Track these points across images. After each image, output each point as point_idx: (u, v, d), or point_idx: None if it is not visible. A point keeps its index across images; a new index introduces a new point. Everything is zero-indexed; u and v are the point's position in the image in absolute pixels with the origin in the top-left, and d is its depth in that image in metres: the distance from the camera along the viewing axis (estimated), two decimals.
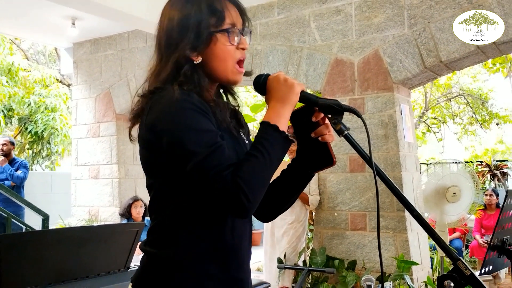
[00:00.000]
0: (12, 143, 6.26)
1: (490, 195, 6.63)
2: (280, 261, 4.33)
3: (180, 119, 1.11)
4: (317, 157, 1.27)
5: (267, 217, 1.39)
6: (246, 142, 1.31)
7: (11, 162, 6.06)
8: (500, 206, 2.87)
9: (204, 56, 1.22)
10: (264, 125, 1.15)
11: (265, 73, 1.24)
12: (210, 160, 1.08)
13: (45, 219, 4.50)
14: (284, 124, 1.17)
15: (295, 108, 1.22)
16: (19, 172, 6.02)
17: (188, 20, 1.20)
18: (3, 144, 6.01)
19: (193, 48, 1.20)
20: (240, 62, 1.25)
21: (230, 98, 1.36)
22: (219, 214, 1.20)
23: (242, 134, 1.32)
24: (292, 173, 1.33)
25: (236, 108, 1.36)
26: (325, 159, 1.26)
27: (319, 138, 1.23)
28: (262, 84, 1.22)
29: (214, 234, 1.20)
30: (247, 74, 1.31)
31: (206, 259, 1.20)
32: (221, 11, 1.21)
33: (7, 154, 6.02)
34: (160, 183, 1.22)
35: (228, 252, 1.22)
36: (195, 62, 1.21)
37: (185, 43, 1.20)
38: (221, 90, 1.35)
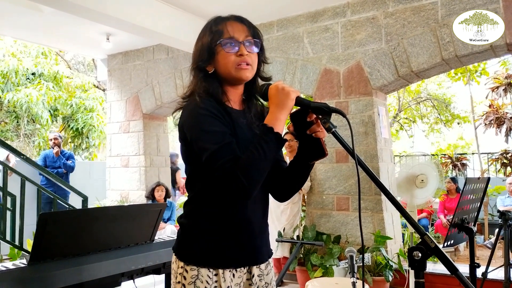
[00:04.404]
0: (61, 137, 6.39)
1: (449, 182, 6.64)
2: (279, 234, 4.34)
3: (196, 122, 1.21)
4: (313, 150, 1.29)
5: (283, 198, 1.42)
6: None
7: (61, 153, 6.18)
8: (460, 191, 2.86)
9: (215, 66, 1.29)
10: (263, 126, 1.19)
11: (267, 83, 1.26)
12: (216, 155, 1.16)
13: (85, 200, 4.51)
14: (279, 125, 1.20)
15: (293, 111, 1.24)
16: (69, 161, 6.15)
17: (199, 43, 1.32)
18: (55, 139, 6.15)
19: (204, 60, 1.29)
20: (240, 64, 1.27)
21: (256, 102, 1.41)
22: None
23: None
24: (297, 164, 1.35)
25: (264, 109, 1.41)
26: (319, 151, 1.28)
27: (313, 135, 1.25)
28: (264, 92, 1.25)
29: (229, 210, 1.27)
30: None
31: (224, 229, 1.27)
32: (219, 30, 1.28)
33: (58, 147, 6.12)
34: (191, 169, 1.31)
35: (240, 224, 1.28)
36: (209, 72, 1.29)
37: (198, 59, 1.30)
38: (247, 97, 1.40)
